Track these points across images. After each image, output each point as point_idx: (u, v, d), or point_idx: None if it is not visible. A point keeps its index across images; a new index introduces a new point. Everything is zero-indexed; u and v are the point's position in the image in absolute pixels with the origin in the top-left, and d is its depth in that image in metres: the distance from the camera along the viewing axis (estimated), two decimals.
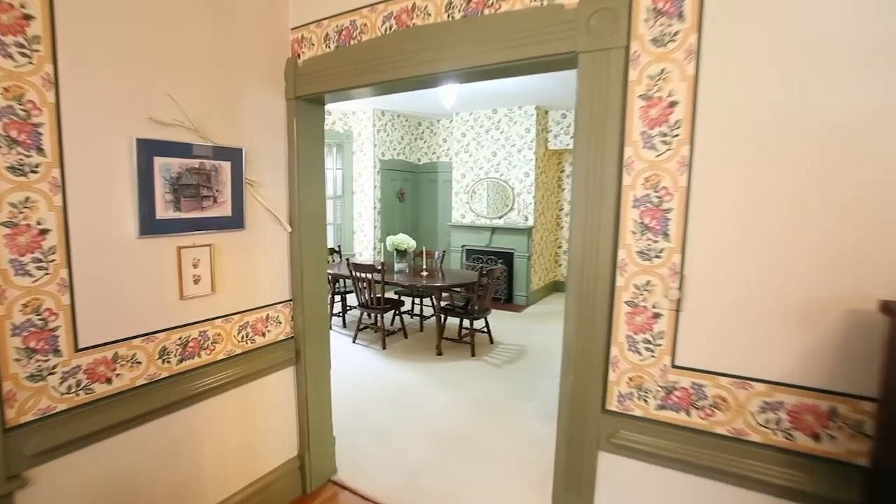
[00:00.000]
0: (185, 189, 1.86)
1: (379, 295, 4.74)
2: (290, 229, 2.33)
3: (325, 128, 7.73)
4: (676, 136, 1.39)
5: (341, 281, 5.55)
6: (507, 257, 6.96)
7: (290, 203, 2.33)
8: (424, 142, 8.20)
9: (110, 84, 1.63)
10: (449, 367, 4.37)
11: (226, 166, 2.00)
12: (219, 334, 2.06)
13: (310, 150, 2.37)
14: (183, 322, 1.91)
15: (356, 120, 7.40)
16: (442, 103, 5.71)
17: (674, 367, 1.46)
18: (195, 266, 1.93)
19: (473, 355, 4.66)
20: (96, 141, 1.61)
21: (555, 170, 7.62)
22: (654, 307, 1.47)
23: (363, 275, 4.71)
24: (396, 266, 5.27)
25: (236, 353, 2.14)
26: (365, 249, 7.49)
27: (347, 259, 4.85)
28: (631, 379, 1.53)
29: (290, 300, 2.40)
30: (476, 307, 4.61)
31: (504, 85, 5.46)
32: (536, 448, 3.01)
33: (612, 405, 1.57)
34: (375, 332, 5.13)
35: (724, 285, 1.36)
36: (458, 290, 4.69)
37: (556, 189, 7.79)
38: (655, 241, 1.45)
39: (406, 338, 5.24)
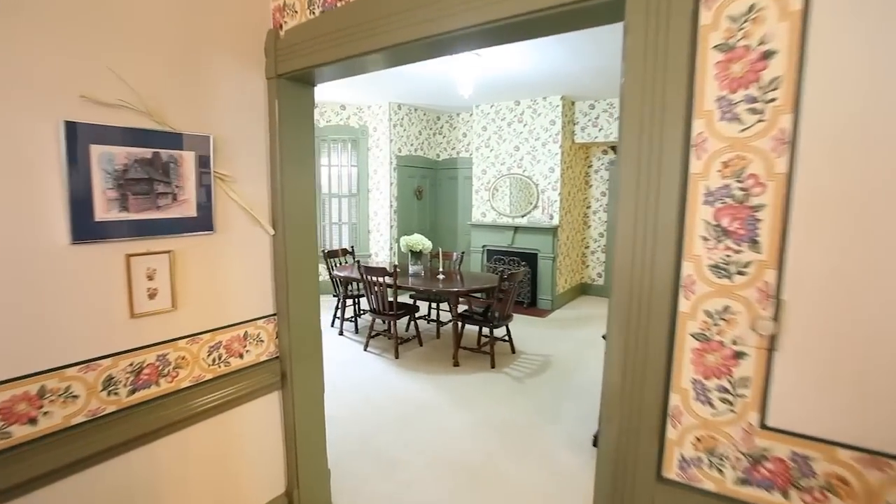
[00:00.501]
0: (133, 185, 1.53)
1: (391, 300, 4.39)
2: (272, 232, 1.99)
3: (340, 123, 7.52)
4: (772, 101, 0.97)
5: (354, 283, 5.23)
6: (530, 258, 6.52)
7: (273, 201, 1.99)
8: (443, 136, 7.83)
9: (33, 54, 1.31)
10: (466, 381, 3.99)
11: (188, 157, 1.66)
12: (182, 357, 1.73)
13: (296, 139, 2.02)
14: (135, 345, 1.59)
15: (371, 114, 7.07)
16: (460, 93, 5.31)
17: (764, 427, 1.04)
18: (150, 278, 1.60)
19: (493, 367, 4.27)
20: (11, 125, 1.28)
21: (582, 165, 7.14)
22: (734, 343, 1.05)
23: (375, 278, 4.38)
24: (411, 268, 4.91)
25: (206, 378, 1.81)
26: (381, 250, 7.17)
27: (358, 261, 4.52)
28: (699, 440, 1.12)
29: (275, 314, 2.05)
30: (497, 314, 4.22)
31: (527, 73, 5.04)
32: (564, 483, 2.60)
33: (672, 472, 1.16)
34: (388, 339, 4.78)
35: (845, 315, 0.94)
36: (477, 295, 4.31)
37: (584, 185, 7.30)
38: (738, 252, 1.03)
39: (421, 345, 4.88)
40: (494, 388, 3.85)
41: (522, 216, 6.60)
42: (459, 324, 4.37)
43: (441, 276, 4.74)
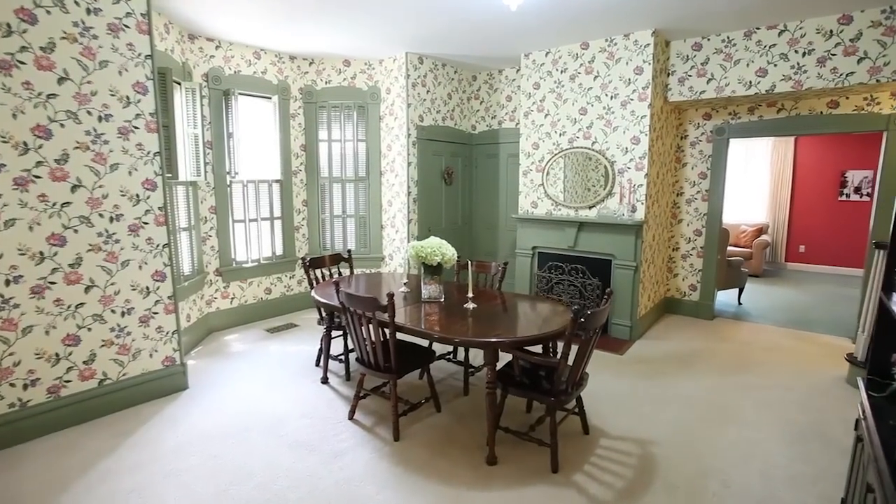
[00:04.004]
0: None
1: (389, 343, 2.67)
2: None
3: (343, 84, 5.64)
4: None
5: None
6: (601, 267, 4.64)
7: None
8: (481, 101, 5.98)
9: None
10: (508, 502, 2.23)
11: None
12: None
13: None
14: None
15: (384, 71, 5.33)
16: (505, 2, 3.50)
17: None
18: None
19: (556, 470, 2.48)
20: None
21: (673, 135, 5.12)
22: None
23: (359, 312, 2.67)
24: (424, 290, 3.17)
25: None
26: (397, 252, 5.47)
27: (337, 283, 2.84)
28: None
29: None
30: (565, 383, 2.42)
31: None
32: None
33: None
34: (387, 398, 3.07)
35: None
36: (531, 348, 2.54)
37: (674, 164, 5.29)
38: None
39: (439, 411, 3.15)
40: None
41: (590, 207, 4.71)
42: (499, 391, 2.61)
43: (471, 306, 2.97)
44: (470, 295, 2.99)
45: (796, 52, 3.98)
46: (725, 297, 6.00)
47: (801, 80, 3.97)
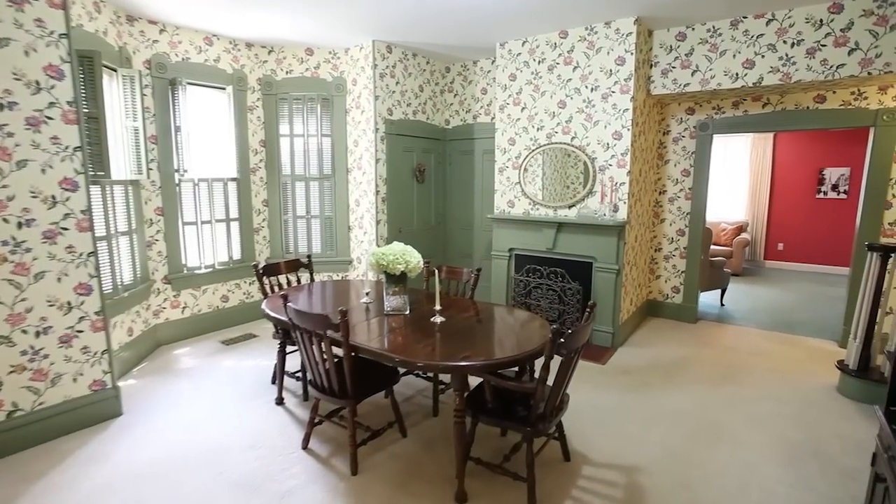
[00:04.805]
0: None
1: (343, 367, 2.34)
2: None
3: (305, 74, 5.19)
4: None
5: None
6: (581, 270, 4.37)
7: None
8: (455, 94, 5.65)
9: None
10: None
11: None
12: None
13: None
14: None
15: (349, 61, 4.96)
16: None
17: None
18: None
19: None
20: None
21: (655, 130, 4.89)
22: None
23: (309, 331, 2.33)
24: (387, 303, 2.83)
25: None
26: (365, 254, 5.11)
27: (284, 297, 2.49)
28: None
29: None
30: (542, 408, 2.12)
31: None
32: None
33: None
34: (345, 427, 2.73)
35: None
36: (506, 370, 2.23)
37: (657, 161, 5.06)
38: None
39: (404, 436, 2.82)
40: None
41: (569, 207, 4.43)
42: (469, 419, 2.30)
43: (439, 320, 2.65)
44: (437, 307, 2.67)
45: (785, 42, 3.76)
46: (707, 299, 5.83)
47: (790, 72, 3.76)
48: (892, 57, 3.45)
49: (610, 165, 4.16)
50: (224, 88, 4.63)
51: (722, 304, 5.75)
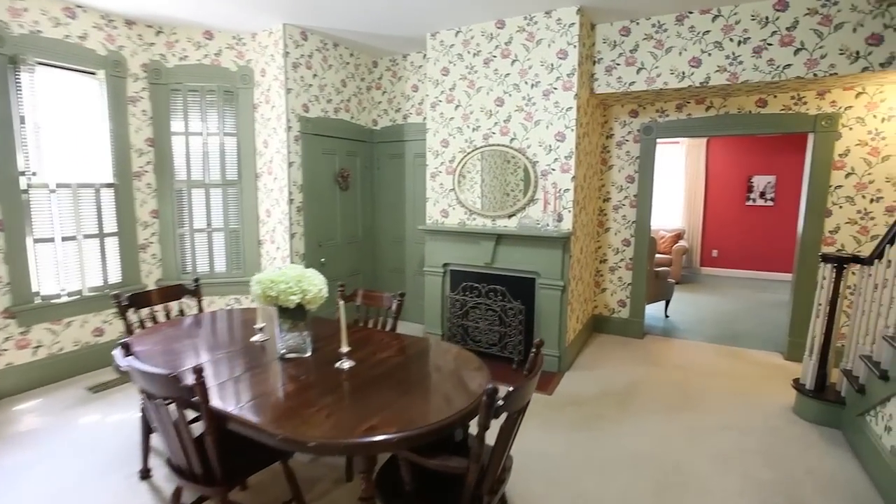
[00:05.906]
0: None
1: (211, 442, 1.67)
2: None
3: (204, 62, 3.85)
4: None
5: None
6: (523, 287, 3.92)
7: None
8: (383, 92, 5.07)
9: None
10: None
11: None
12: None
13: None
14: None
15: (257, 48, 4.25)
16: None
17: None
18: None
19: None
20: None
21: (598, 133, 4.57)
22: None
23: (153, 392, 1.65)
24: (281, 342, 2.18)
25: None
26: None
27: (126, 346, 1.79)
28: None
29: None
30: (480, 487, 1.57)
31: None
32: None
33: None
34: None
35: None
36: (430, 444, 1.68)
37: (600, 167, 4.75)
38: None
39: None
40: None
41: (509, 216, 3.98)
42: None
43: (346, 365, 2.04)
44: (344, 349, 2.06)
45: (731, 40, 3.52)
46: (652, 311, 5.61)
47: (737, 72, 3.53)
48: (837, 58, 3.28)
49: (553, 170, 3.75)
50: (94, 73, 3.78)
51: (667, 316, 5.54)
